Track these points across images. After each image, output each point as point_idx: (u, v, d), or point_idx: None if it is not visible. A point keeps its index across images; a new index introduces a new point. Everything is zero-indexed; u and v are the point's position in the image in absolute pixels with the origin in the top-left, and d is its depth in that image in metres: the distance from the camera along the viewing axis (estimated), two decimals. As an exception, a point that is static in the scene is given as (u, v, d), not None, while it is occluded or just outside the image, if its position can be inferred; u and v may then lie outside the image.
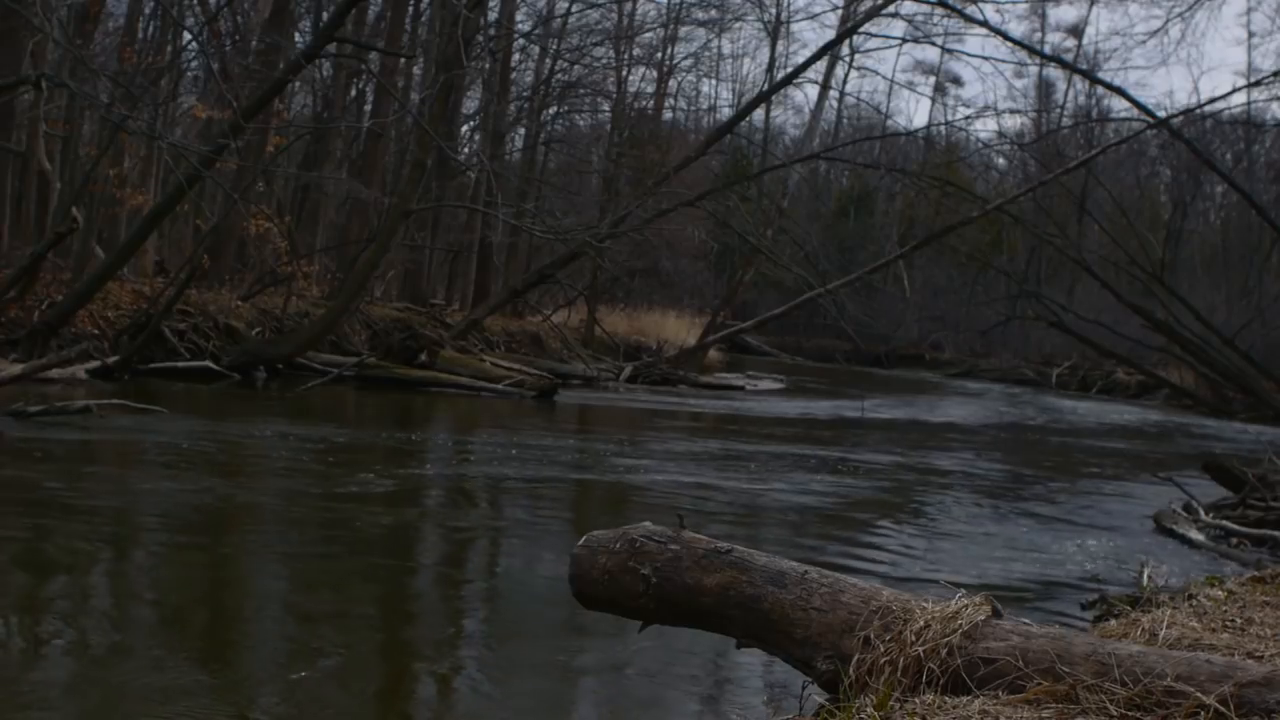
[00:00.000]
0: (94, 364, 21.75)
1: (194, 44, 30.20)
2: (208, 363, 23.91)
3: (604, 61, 42.73)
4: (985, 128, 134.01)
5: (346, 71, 34.80)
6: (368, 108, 37.55)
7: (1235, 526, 14.39)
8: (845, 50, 44.50)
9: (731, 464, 18.61)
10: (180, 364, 23.51)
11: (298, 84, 33.66)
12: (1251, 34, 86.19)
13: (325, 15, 30.81)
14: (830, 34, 45.00)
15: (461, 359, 28.25)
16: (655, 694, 7.40)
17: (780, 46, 54.84)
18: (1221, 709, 3.99)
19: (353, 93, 38.18)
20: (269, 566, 10.21)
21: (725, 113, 59.73)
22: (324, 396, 23.39)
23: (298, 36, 32.80)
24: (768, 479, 17.26)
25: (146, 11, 31.37)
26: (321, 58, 28.17)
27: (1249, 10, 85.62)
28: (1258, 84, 32.56)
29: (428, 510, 13.75)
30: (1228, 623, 6.38)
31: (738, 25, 52.77)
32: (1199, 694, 4.06)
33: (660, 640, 6.85)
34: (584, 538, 5.68)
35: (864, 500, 16.09)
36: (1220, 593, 7.43)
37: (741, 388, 36.70)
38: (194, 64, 32.83)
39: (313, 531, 11.46)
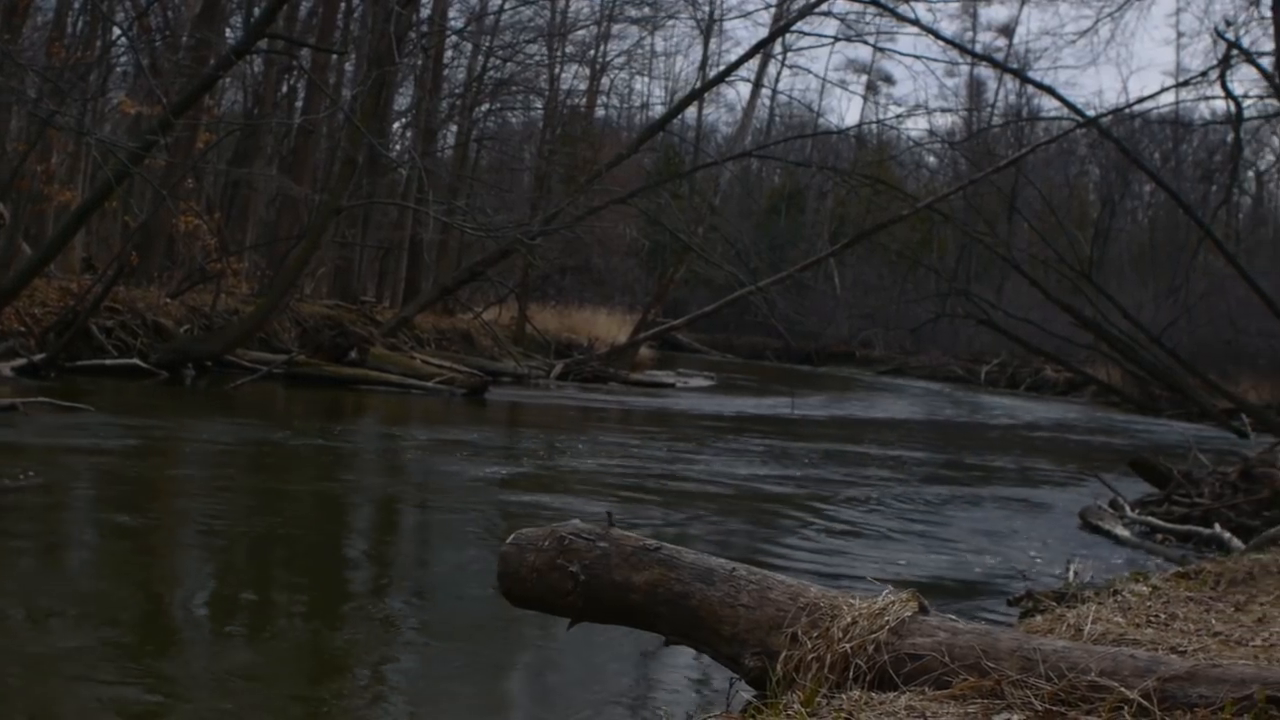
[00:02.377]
0: (20, 361, 21.58)
1: (123, 39, 29.99)
2: (136, 360, 23.71)
3: (537, 59, 42.62)
4: (916, 126, 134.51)
5: (277, 68, 34.61)
6: (299, 104, 37.34)
7: (1160, 523, 14.54)
8: (778, 48, 44.54)
9: (661, 462, 18.63)
10: (108, 361, 23.31)
11: (228, 80, 33.48)
12: (1180, 34, 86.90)
13: (256, 11, 30.63)
14: (763, 32, 45.15)
15: (392, 357, 28.15)
16: (583, 692, 7.40)
17: (713, 44, 54.86)
18: (1145, 703, 4.05)
19: (284, 89, 37.95)
20: (192, 567, 10.15)
21: (658, 110, 59.82)
22: (253, 394, 23.25)
23: (229, 32, 32.61)
24: (697, 477, 17.30)
25: (76, 6, 31.06)
26: (252, 54, 27.97)
27: (1178, 11, 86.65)
28: (1186, 84, 32.77)
29: (355, 509, 13.71)
30: (1152, 618, 6.46)
31: (671, 23, 52.70)
32: (1123, 689, 4.11)
33: (589, 638, 6.87)
34: (512, 536, 5.70)
35: (793, 497, 16.14)
36: (1145, 588, 7.52)
37: (672, 385, 36.76)
38: (123, 59, 32.54)
39: (238, 531, 11.40)
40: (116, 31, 30.02)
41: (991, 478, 20.34)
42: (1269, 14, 24.90)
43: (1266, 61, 26.72)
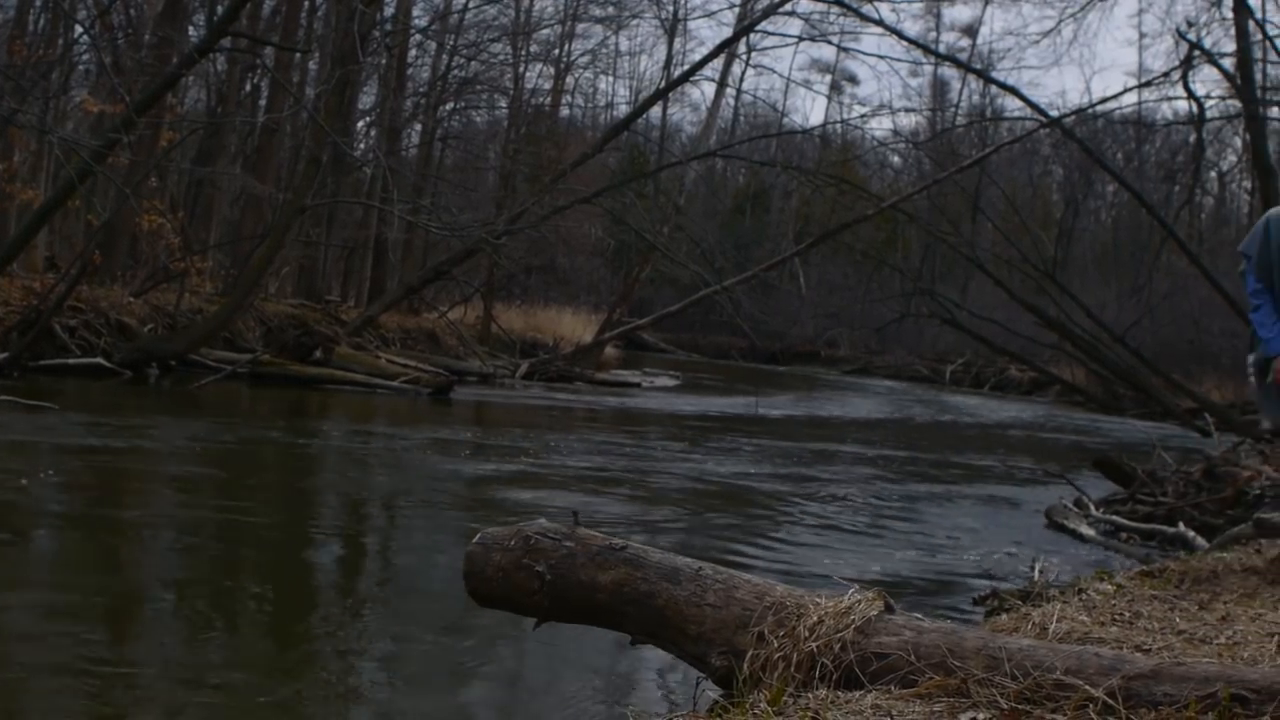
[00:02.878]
0: (-18, 360, 21.47)
1: (85, 37, 29.83)
2: (99, 359, 23.60)
3: (501, 58, 42.60)
4: (881, 126, 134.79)
5: (241, 66, 34.48)
6: (262, 103, 37.17)
7: (1125, 521, 14.60)
8: (742, 48, 44.52)
9: (627, 461, 18.64)
10: (71, 361, 23.19)
11: (191, 78, 33.29)
12: (1143, 35, 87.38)
13: (219, 9, 30.52)
14: (727, 32, 45.04)
15: (357, 356, 28.09)
16: (549, 692, 7.41)
17: (677, 44, 54.96)
18: (1110, 701, 4.05)
19: (247, 87, 37.81)
20: (154, 567, 10.11)
21: (622, 110, 59.84)
22: (217, 394, 23.18)
23: (191, 30, 32.46)
24: (663, 476, 17.31)
25: (37, 4, 30.94)
26: (215, 52, 27.88)
27: (1140, 12, 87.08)
28: (1148, 84, 33.00)
29: (319, 509, 13.68)
30: (1116, 616, 6.48)
31: (635, 22, 52.91)
32: (1088, 687, 4.12)
33: (555, 638, 6.86)
34: (478, 535, 5.68)
35: (758, 496, 16.16)
36: (1109, 587, 7.54)
37: (638, 385, 36.77)
38: (85, 57, 32.42)
39: (202, 531, 11.36)
40: (78, 29, 29.90)
41: (956, 477, 20.40)
42: (1230, 15, 25.00)
43: (1228, 62, 26.86)
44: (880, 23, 31.41)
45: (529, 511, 9.91)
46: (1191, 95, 30.37)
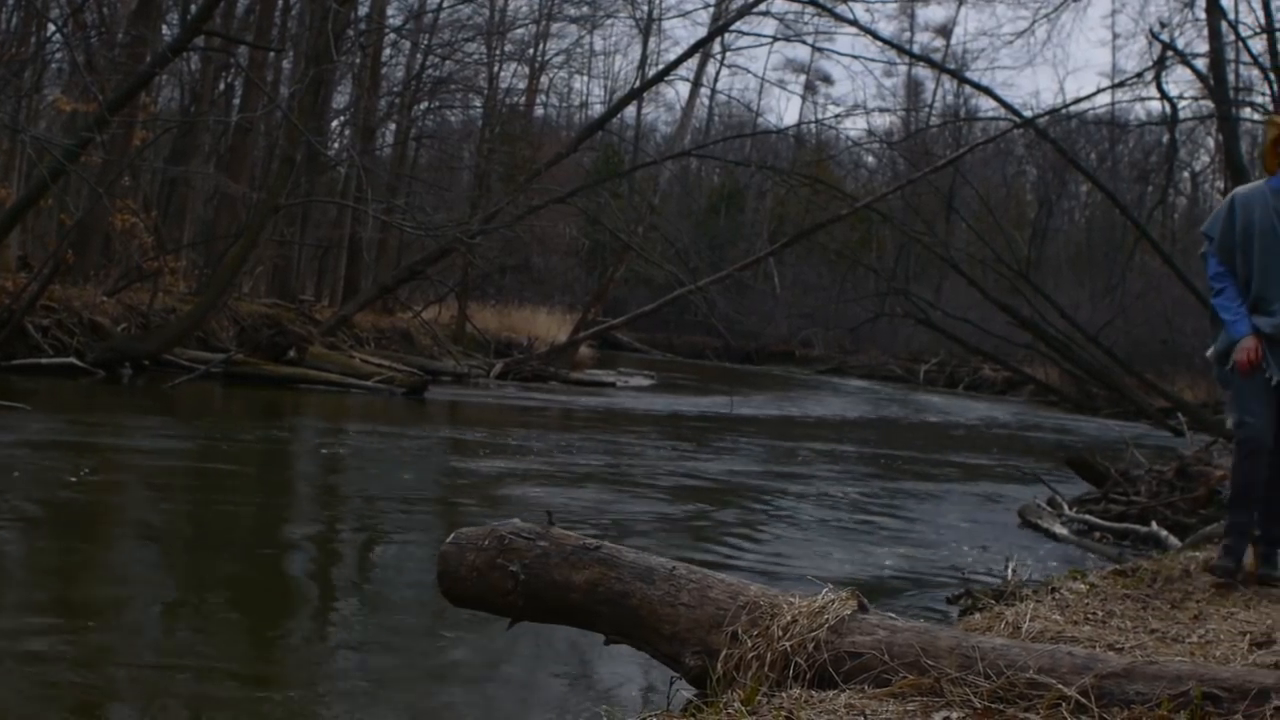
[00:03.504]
0: (-45, 361, 21.39)
1: (58, 36, 29.71)
2: (72, 359, 23.51)
3: (475, 57, 42.55)
4: (855, 126, 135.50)
5: (214, 65, 34.37)
6: (236, 102, 37.12)
7: (1098, 521, 14.65)
8: (717, 48, 44.68)
9: (601, 461, 18.63)
10: (44, 360, 23.09)
11: (165, 77, 33.22)
12: (1116, 35, 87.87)
13: (193, 8, 30.44)
14: (702, 31, 45.20)
15: (331, 356, 28.02)
16: (523, 691, 7.40)
17: (652, 44, 54.98)
18: (1083, 700, 4.07)
19: (221, 86, 37.70)
20: (124, 567, 10.08)
21: (597, 109, 59.92)
22: (191, 394, 23.10)
23: (165, 29, 32.34)
24: (637, 475, 17.31)
25: (9, 2, 30.80)
26: (189, 51, 27.82)
27: (1113, 12, 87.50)
28: (1121, 85, 33.04)
29: (293, 508, 13.65)
30: (1089, 615, 6.49)
31: (610, 22, 52.85)
32: (1061, 686, 4.13)
33: (529, 637, 6.85)
34: (452, 535, 5.68)
35: (732, 496, 16.16)
36: (1082, 586, 7.56)
37: (612, 384, 36.75)
38: (58, 56, 32.28)
39: (173, 532, 11.33)
40: (51, 28, 29.77)
41: (930, 476, 20.43)
42: (1203, 16, 25.07)
43: (1201, 63, 26.95)
44: (855, 23, 31.51)
45: (503, 511, 9.90)
46: (1165, 96, 30.50)
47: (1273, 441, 7.45)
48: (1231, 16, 26.03)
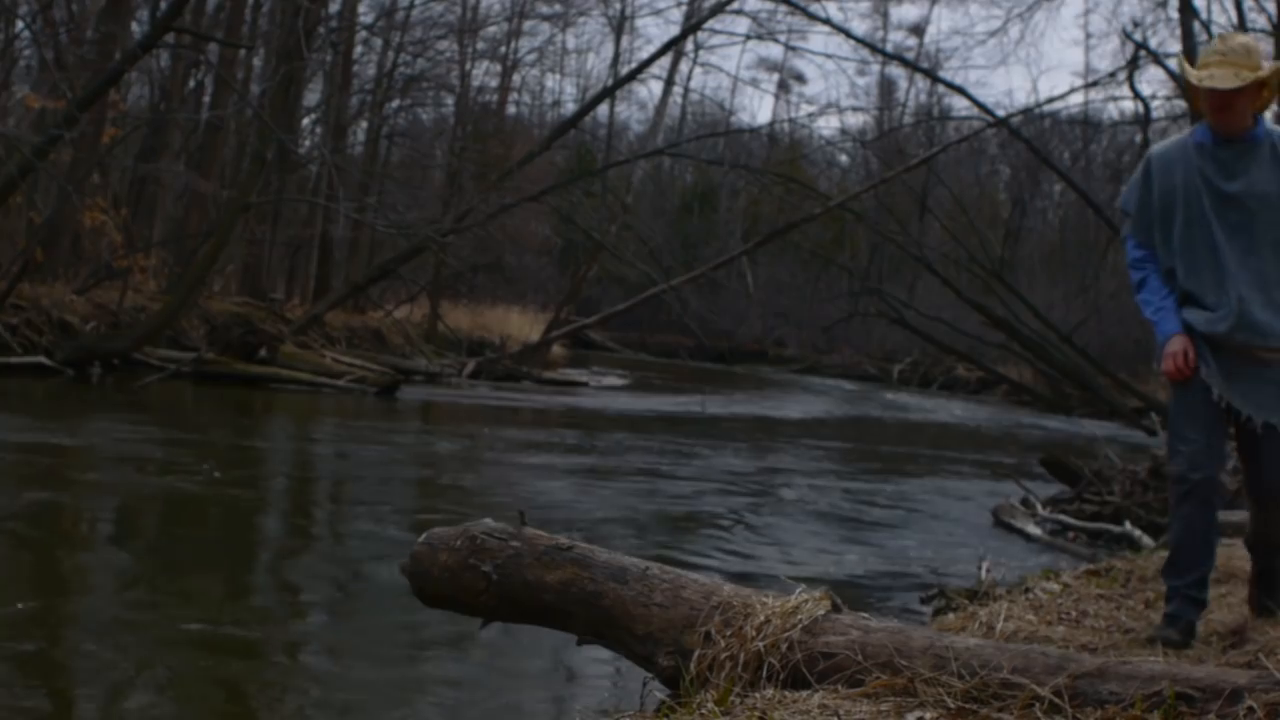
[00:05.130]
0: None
1: (27, 32, 29.60)
2: (41, 358, 23.41)
3: (448, 55, 42.54)
4: (828, 125, 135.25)
5: (185, 62, 34.26)
6: (207, 99, 36.99)
7: (1071, 520, 14.68)
8: (690, 46, 44.70)
9: (574, 460, 18.63)
10: (13, 360, 22.97)
11: (134, 74, 33.08)
12: (1089, 35, 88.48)
13: (163, 5, 30.33)
14: (675, 30, 45.13)
15: (302, 355, 27.94)
16: (495, 693, 7.37)
17: (625, 42, 55.19)
18: (1056, 700, 4.05)
19: (191, 84, 37.59)
20: (91, 568, 10.01)
21: (570, 108, 59.69)
22: (161, 393, 23.01)
23: (135, 26, 32.22)
24: (610, 475, 17.30)
25: (-23, -1, 30.67)
26: (159, 48, 27.72)
27: (1086, 12, 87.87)
28: (1094, 84, 33.27)
29: (264, 507, 13.60)
30: (1063, 615, 6.50)
31: (582, 20, 52.73)
32: (1034, 686, 4.11)
33: (502, 638, 6.82)
34: (424, 535, 5.65)
35: (705, 496, 16.16)
36: (1056, 586, 7.56)
37: (585, 384, 36.74)
38: (27, 53, 32.15)
39: (143, 533, 11.28)
40: (20, 25, 29.65)
41: (903, 476, 20.44)
42: (1176, 16, 25.21)
43: (1173, 63, 27.07)
44: (828, 21, 31.62)
45: (476, 510, 9.86)
46: (1138, 95, 30.63)
47: (1217, 473, 5.84)
48: (1204, 16, 26.12)
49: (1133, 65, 27.23)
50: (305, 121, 41.25)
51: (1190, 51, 24.39)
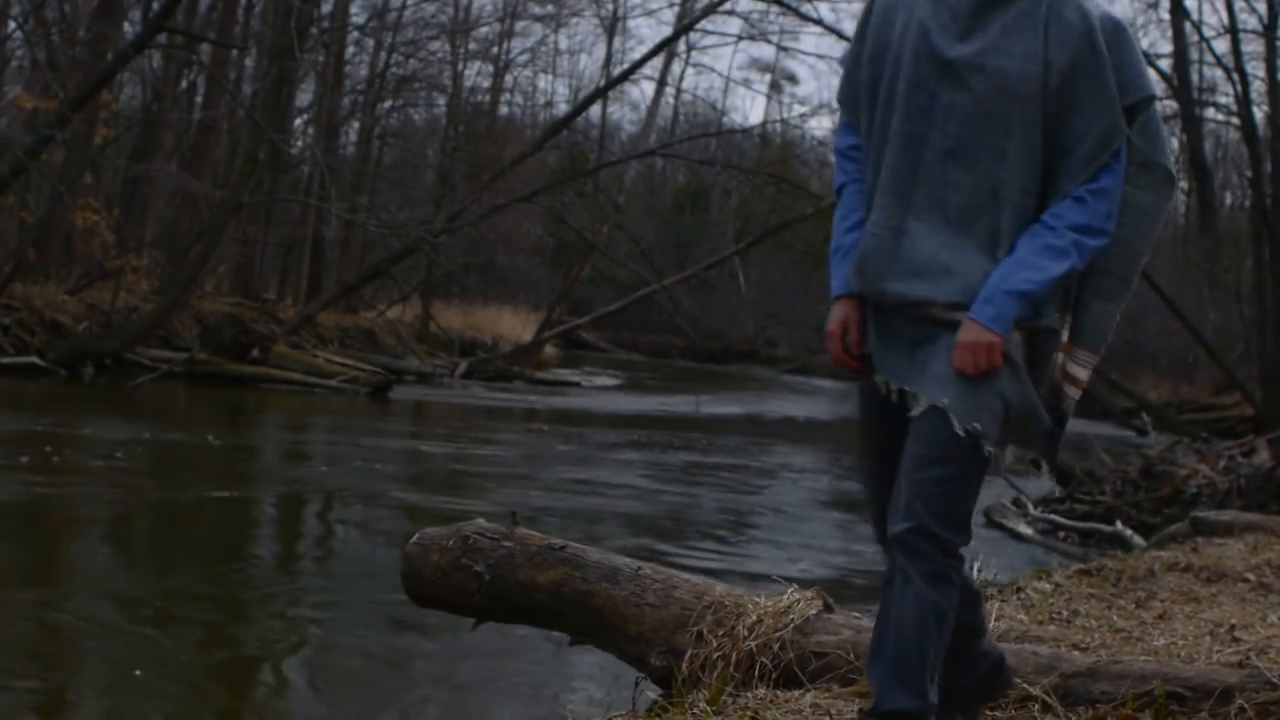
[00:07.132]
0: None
1: (19, 33, 29.57)
2: (33, 359, 23.38)
3: (440, 55, 42.51)
4: (820, 125, 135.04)
5: (177, 63, 34.21)
6: (199, 99, 36.94)
7: (1063, 520, 14.71)
8: (682, 47, 44.76)
9: (566, 460, 18.61)
10: (5, 360, 22.94)
11: (127, 75, 33.02)
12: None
13: (155, 5, 30.30)
14: (667, 30, 45.26)
15: (294, 355, 27.90)
16: (487, 693, 7.38)
17: (617, 43, 55.02)
18: (1048, 699, 4.08)
19: (183, 84, 37.53)
20: (86, 568, 10.02)
21: (562, 108, 59.68)
22: (153, 393, 22.97)
23: (127, 26, 32.17)
24: (602, 475, 17.29)
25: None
26: (151, 48, 27.68)
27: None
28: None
29: (256, 508, 13.59)
30: (1054, 615, 6.50)
31: (575, 21, 52.83)
32: (1026, 685, 4.14)
33: (494, 638, 6.83)
34: (416, 535, 5.65)
35: (697, 496, 16.17)
36: (1047, 585, 7.56)
37: (577, 384, 36.70)
38: (19, 53, 32.11)
39: (135, 533, 11.29)
40: (12, 25, 29.62)
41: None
42: (1167, 17, 25.23)
43: (1165, 63, 27.07)
44: (819, 22, 31.70)
45: (468, 511, 9.87)
46: (1129, 96, 30.50)
47: (884, 508, 3.82)
48: (1195, 18, 26.16)
49: (1124, 66, 27.18)
50: (297, 122, 41.19)
51: (1181, 52, 24.46)
